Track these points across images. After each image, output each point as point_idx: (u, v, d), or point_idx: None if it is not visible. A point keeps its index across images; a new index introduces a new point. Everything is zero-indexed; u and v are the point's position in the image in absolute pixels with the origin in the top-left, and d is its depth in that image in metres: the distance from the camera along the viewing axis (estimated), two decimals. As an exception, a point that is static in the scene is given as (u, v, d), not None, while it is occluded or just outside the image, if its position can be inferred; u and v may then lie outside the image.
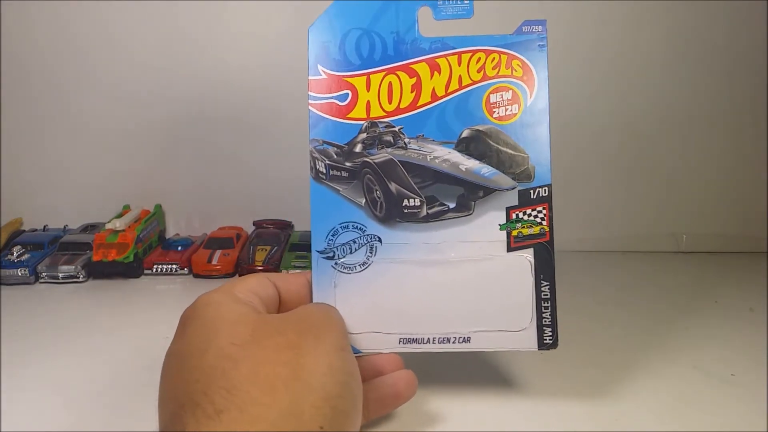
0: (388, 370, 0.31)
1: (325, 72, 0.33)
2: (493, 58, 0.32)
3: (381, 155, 0.33)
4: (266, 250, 0.61)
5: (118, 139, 0.70)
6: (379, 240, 0.32)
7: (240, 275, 0.59)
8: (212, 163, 0.70)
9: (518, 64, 0.32)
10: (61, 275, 0.57)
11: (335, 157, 0.33)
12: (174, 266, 0.60)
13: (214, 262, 0.59)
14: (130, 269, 0.58)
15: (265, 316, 0.27)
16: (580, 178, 0.69)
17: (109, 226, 0.60)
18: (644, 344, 0.42)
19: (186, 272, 0.60)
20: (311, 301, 0.32)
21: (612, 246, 0.69)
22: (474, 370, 0.37)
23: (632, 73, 0.67)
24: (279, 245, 0.62)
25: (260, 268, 0.58)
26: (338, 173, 0.33)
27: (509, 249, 0.32)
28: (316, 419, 0.23)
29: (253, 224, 0.68)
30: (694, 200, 0.69)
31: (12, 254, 0.58)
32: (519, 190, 0.32)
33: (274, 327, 0.26)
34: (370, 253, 0.32)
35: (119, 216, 0.63)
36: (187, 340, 0.26)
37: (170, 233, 0.71)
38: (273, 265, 0.59)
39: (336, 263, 0.32)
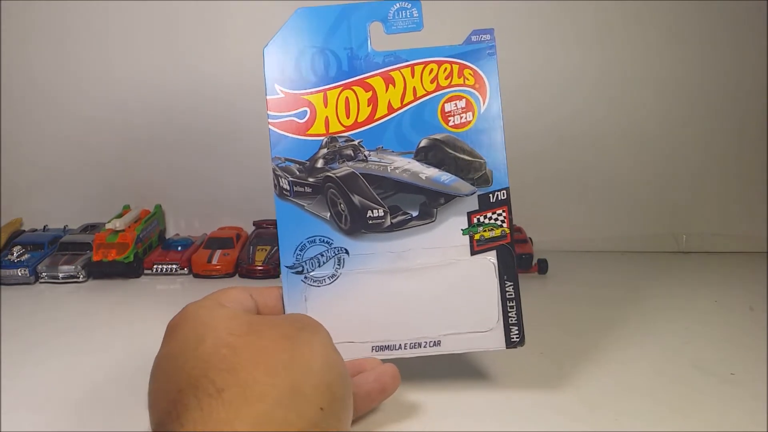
0: (367, 368, 0.32)
1: (282, 91, 0.33)
2: (445, 69, 0.33)
3: (342, 169, 0.34)
4: (266, 250, 0.61)
5: (118, 140, 0.69)
6: (347, 252, 0.33)
7: (240, 275, 0.59)
8: (212, 163, 0.70)
9: (470, 73, 0.33)
10: (61, 275, 0.57)
11: (298, 173, 0.34)
12: (174, 266, 0.60)
13: (214, 262, 0.59)
14: (130, 269, 0.58)
15: (258, 315, 0.28)
16: (580, 177, 0.69)
17: (109, 226, 0.60)
18: (644, 344, 0.41)
19: (186, 272, 0.60)
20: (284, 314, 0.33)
21: (612, 246, 0.69)
22: (471, 366, 0.37)
23: (634, 71, 0.67)
24: (279, 245, 0.62)
25: (260, 268, 0.58)
26: (302, 189, 0.34)
27: (473, 252, 0.33)
28: (316, 399, 0.24)
29: (253, 224, 0.68)
30: (694, 200, 0.69)
31: (12, 254, 0.58)
32: (478, 195, 0.33)
33: (269, 322, 0.27)
34: (338, 265, 0.33)
35: (119, 216, 0.62)
36: (179, 339, 0.26)
37: (170, 233, 0.71)
38: (273, 265, 0.59)
39: (305, 277, 0.33)
